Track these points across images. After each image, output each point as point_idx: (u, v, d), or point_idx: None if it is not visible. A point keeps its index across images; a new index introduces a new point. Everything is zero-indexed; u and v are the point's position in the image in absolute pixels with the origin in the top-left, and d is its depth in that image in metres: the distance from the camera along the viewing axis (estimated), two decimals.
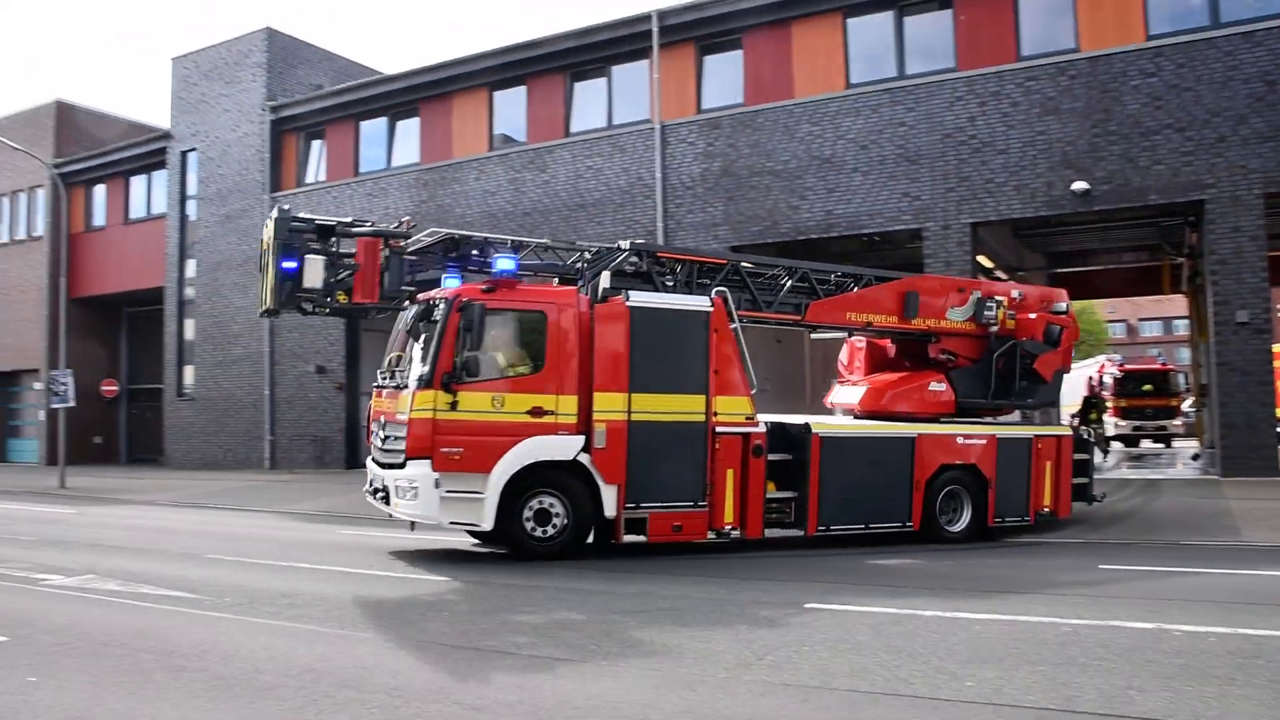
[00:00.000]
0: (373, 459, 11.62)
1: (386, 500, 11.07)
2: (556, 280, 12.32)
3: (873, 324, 13.69)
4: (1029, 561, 11.51)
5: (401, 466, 10.71)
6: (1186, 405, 34.37)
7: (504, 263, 11.17)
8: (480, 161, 25.53)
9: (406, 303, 11.76)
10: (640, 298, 11.48)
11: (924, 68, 20.98)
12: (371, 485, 11.59)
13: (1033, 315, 14.44)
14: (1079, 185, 19.00)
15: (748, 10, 22.33)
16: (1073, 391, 40.26)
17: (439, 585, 9.73)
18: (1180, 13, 19.29)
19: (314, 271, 11.18)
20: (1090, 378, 37.62)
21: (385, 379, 11.53)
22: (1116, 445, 35.09)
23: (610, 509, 11.23)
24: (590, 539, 11.70)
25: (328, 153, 28.74)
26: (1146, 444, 35.02)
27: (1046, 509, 13.83)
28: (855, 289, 13.69)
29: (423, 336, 10.95)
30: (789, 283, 13.23)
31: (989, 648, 6.82)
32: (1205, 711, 5.39)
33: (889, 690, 5.84)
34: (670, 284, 12.41)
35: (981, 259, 22.65)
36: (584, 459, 11.10)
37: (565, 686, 6.04)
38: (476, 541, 12.75)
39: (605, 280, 11.79)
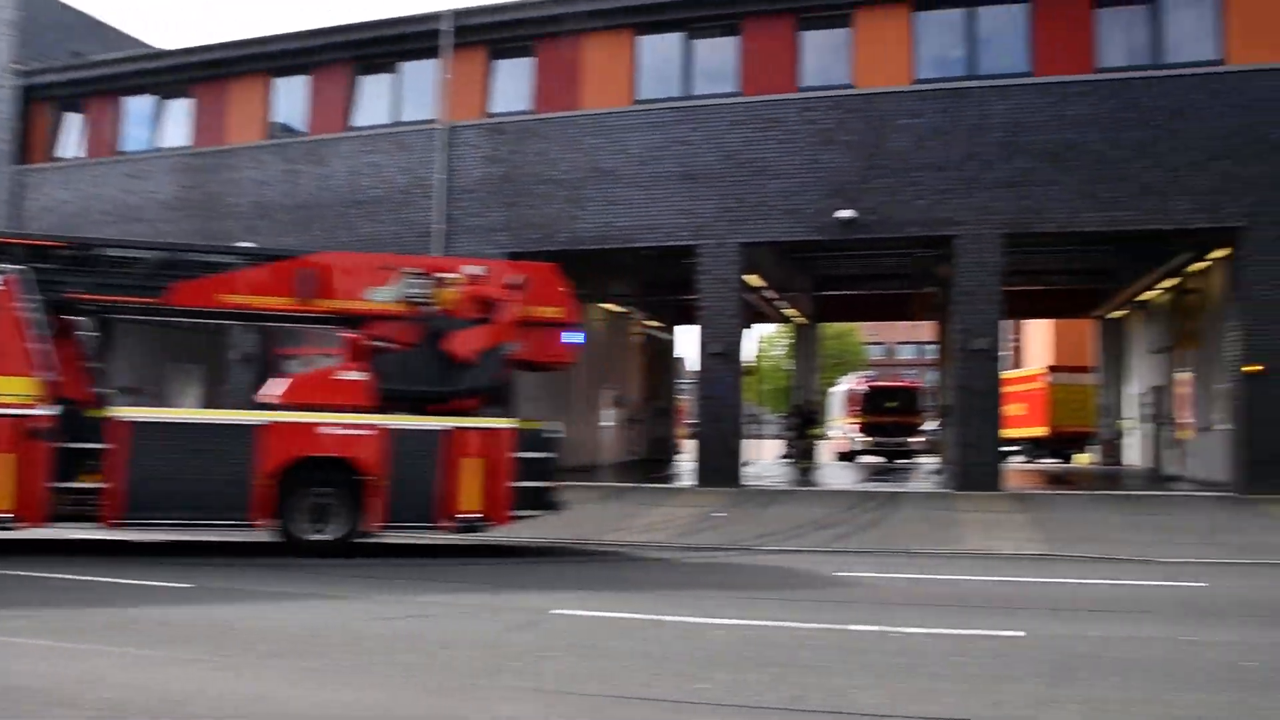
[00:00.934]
0: None
1: None
2: None
3: (256, 307, 12.77)
4: (776, 568, 11.99)
5: None
6: (930, 424, 36.79)
7: None
8: (255, 150, 24.41)
9: None
10: None
11: (710, 89, 21.39)
12: None
13: (483, 292, 12.93)
14: (845, 213, 19.80)
15: (542, 19, 22.28)
16: (836, 407, 42.67)
17: None
18: (944, 61, 20.51)
19: None
20: (848, 393, 39.66)
21: None
22: (868, 460, 36.53)
23: None
24: None
25: (87, 127, 26.74)
26: (901, 460, 36.83)
27: (472, 514, 12.22)
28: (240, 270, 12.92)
29: None
30: (148, 264, 12.52)
31: (727, 652, 7.07)
32: (912, 704, 5.78)
33: (631, 694, 5.97)
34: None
35: (752, 278, 23.43)
36: None
37: (308, 695, 5.98)
38: None
39: None
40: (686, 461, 27.18)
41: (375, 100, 23.78)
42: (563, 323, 13.38)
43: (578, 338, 13.63)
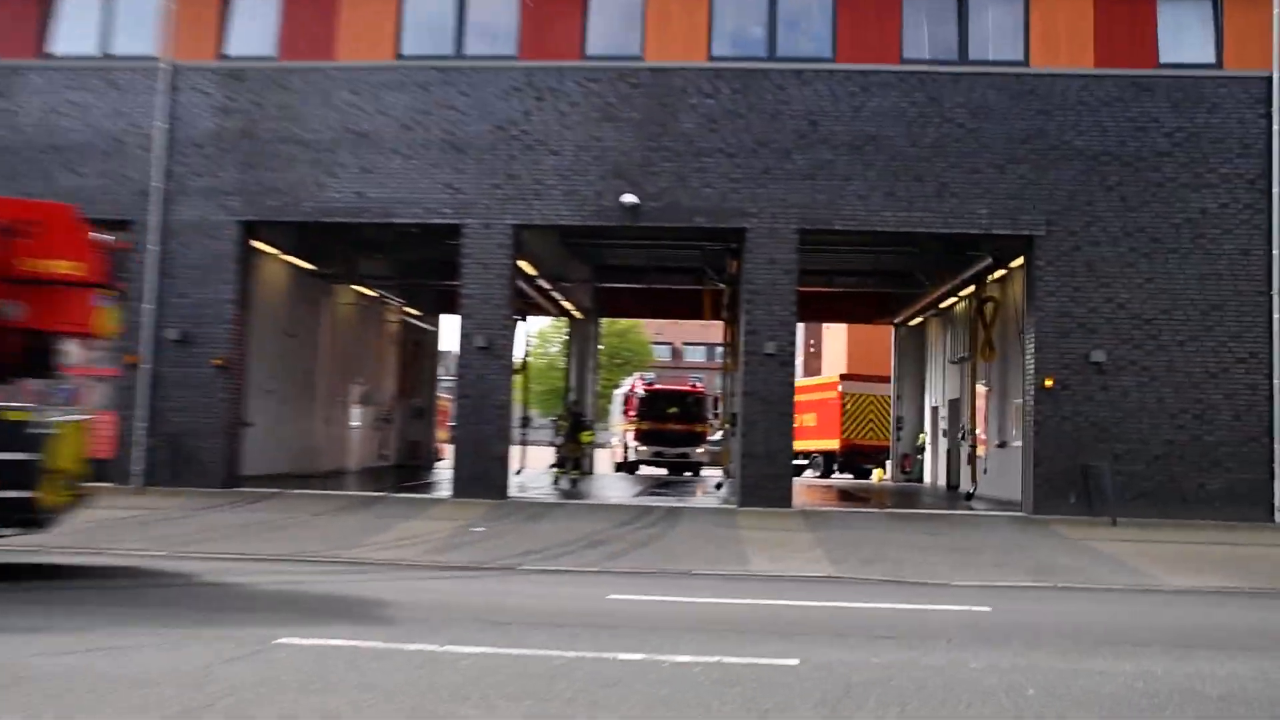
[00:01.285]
0: None
1: None
2: None
3: None
4: (540, 590, 12.00)
5: None
6: (715, 434, 37.68)
7: None
8: None
9: None
10: None
11: (484, 50, 21.26)
12: None
13: None
14: (628, 198, 20.13)
15: None
16: (615, 412, 42.93)
17: None
18: (742, 39, 21.13)
19: None
20: (626, 396, 39.77)
21: None
22: (649, 471, 36.90)
23: None
24: None
25: None
26: (684, 472, 37.12)
27: None
28: None
29: None
30: None
31: (474, 684, 6.96)
32: None
33: None
34: None
35: (523, 264, 23.32)
36: None
37: None
38: None
39: None
40: (446, 469, 26.97)
41: (80, 24, 22.15)
42: (89, 282, 11.66)
43: (110, 304, 12.10)
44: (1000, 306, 24.71)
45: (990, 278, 24.70)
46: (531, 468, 31.94)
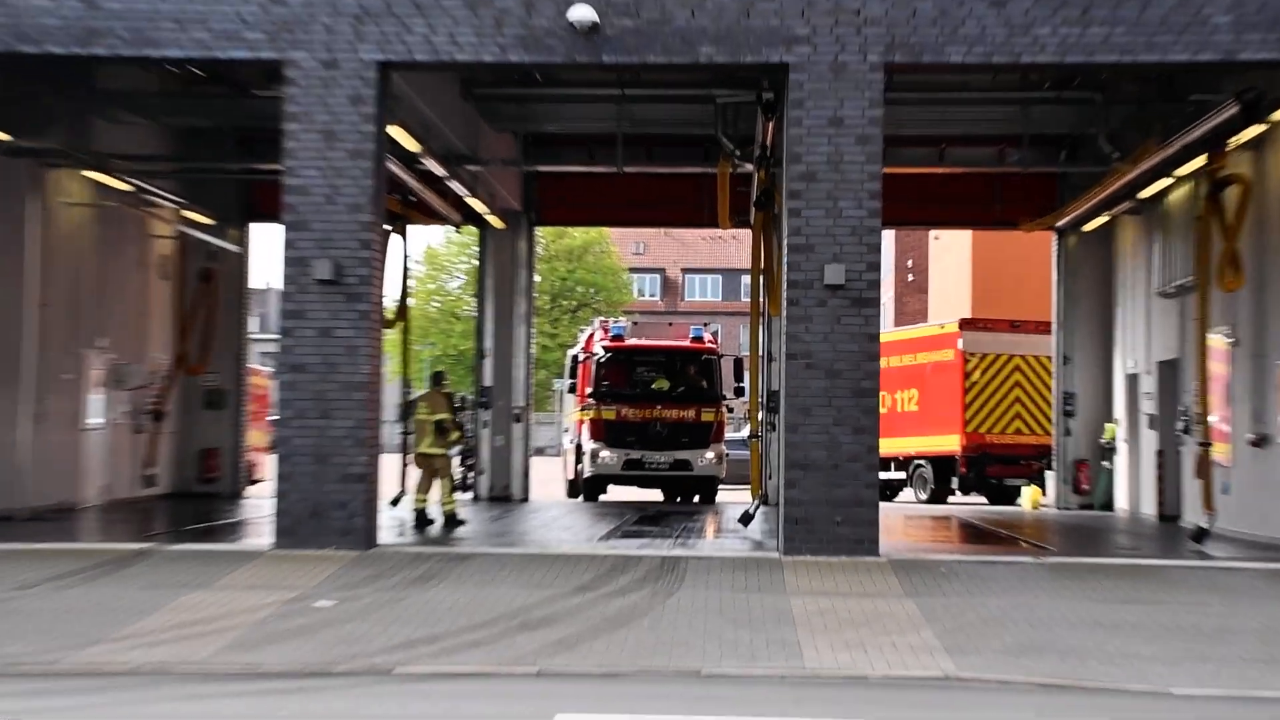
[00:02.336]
0: None
1: None
2: None
3: None
4: (434, 711, 11.99)
5: None
6: (739, 428, 36.55)
7: None
8: None
9: None
10: None
11: None
12: None
13: None
14: (581, 13, 19.46)
15: None
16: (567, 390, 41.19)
17: None
18: None
19: None
20: (576, 362, 38.86)
21: None
22: (629, 492, 36.88)
23: None
24: None
25: None
26: (685, 496, 36.59)
27: None
28: None
29: None
30: None
31: None
32: None
33: None
34: None
35: (398, 134, 22.77)
36: None
37: None
38: None
39: None
40: (265, 497, 26.77)
41: None
42: None
43: None
44: (1251, 194, 23.95)
45: (1232, 142, 23.87)
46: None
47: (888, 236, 57.35)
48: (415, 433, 26.63)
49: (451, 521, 25.16)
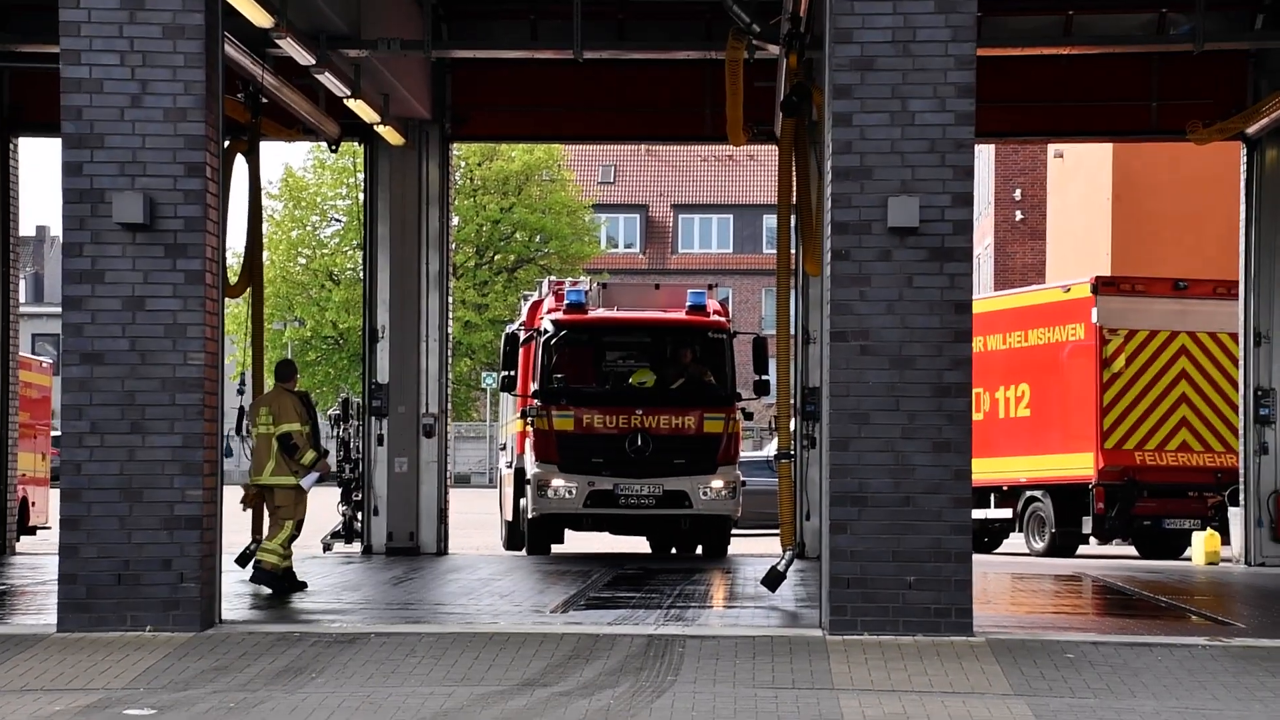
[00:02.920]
0: None
1: None
2: None
3: None
4: None
5: None
6: (764, 444, 36.52)
7: None
8: None
9: None
10: None
11: None
12: None
13: None
14: None
15: None
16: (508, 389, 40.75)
17: None
18: None
19: None
20: (513, 340, 37.31)
21: None
22: (595, 539, 35.09)
23: None
24: None
25: None
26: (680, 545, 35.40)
27: None
28: None
29: None
30: None
31: None
32: None
33: None
34: None
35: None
36: None
37: None
38: None
39: None
40: (48, 554, 27.00)
41: None
42: None
43: None
44: None
45: None
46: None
47: (984, 155, 55.67)
48: (253, 454, 26.49)
49: (276, 582, 25.06)
